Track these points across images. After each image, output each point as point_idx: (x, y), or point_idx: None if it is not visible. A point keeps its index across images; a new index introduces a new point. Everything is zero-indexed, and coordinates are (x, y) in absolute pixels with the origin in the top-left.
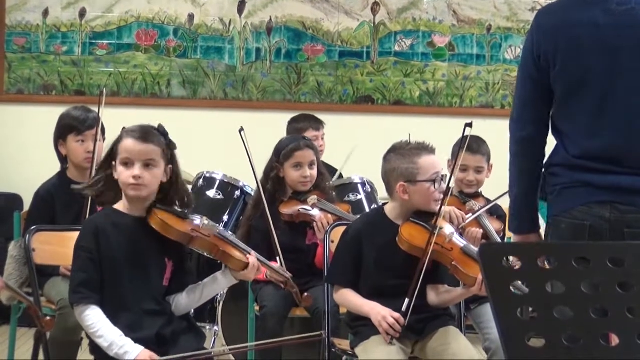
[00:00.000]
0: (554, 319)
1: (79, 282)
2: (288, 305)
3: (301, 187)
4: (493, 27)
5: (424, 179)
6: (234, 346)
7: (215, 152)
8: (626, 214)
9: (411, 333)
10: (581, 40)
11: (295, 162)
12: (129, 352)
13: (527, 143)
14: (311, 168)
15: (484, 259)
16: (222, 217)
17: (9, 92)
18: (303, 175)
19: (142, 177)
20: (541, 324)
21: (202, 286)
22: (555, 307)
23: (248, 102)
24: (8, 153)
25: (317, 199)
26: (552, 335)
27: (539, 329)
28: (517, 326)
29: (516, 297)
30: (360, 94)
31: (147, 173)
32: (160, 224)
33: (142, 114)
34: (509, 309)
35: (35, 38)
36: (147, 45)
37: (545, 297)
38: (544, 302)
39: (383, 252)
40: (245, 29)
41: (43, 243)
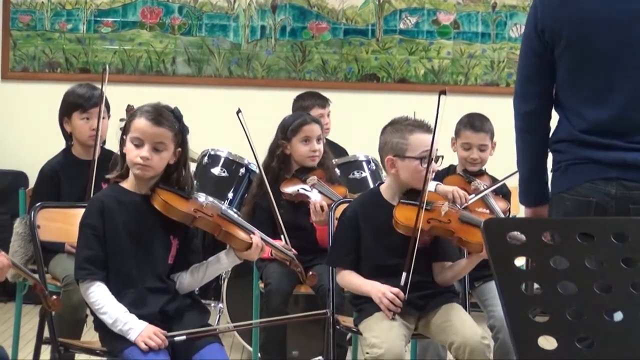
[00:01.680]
0: (558, 294)
1: (84, 258)
2: (292, 282)
3: (309, 161)
4: (498, 5)
5: (412, 155)
6: (239, 323)
7: (220, 129)
8: (632, 190)
9: (414, 309)
10: (588, 14)
11: (304, 137)
12: (133, 329)
13: (531, 118)
14: (319, 142)
15: (487, 234)
16: (227, 194)
17: (14, 70)
18: (312, 149)
19: (149, 159)
20: (545, 299)
21: (206, 265)
22: (559, 282)
23: (253, 79)
24: (13, 130)
25: (317, 180)
26: (556, 310)
27: (543, 303)
28: (521, 301)
29: (520, 272)
30: (365, 71)
31: (155, 155)
32: (162, 204)
33: (147, 92)
34: (513, 284)
35: (40, 16)
36: (152, 23)
37: (549, 273)
38: (548, 278)
39: (381, 232)
40: (250, 7)
41: (48, 220)
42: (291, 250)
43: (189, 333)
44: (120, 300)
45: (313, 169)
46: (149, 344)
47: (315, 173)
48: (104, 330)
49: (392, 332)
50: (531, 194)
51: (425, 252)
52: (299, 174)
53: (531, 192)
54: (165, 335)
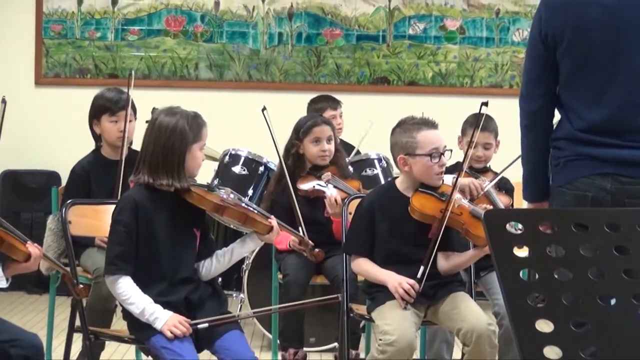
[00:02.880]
0: (554, 280)
1: (115, 254)
2: (309, 273)
3: (320, 160)
4: (501, 11)
5: (422, 152)
6: (258, 309)
7: (240, 130)
8: (627, 185)
9: (424, 298)
10: (588, 20)
11: (314, 138)
12: (159, 318)
13: (536, 117)
14: (329, 143)
15: (488, 225)
16: (247, 191)
17: (47, 76)
18: (322, 149)
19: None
20: (542, 284)
21: (232, 249)
22: (556, 269)
23: (271, 83)
24: (46, 133)
25: (331, 175)
26: (553, 295)
27: (540, 289)
28: (520, 287)
29: (519, 260)
30: (376, 75)
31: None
32: (197, 198)
33: (171, 96)
34: (511, 271)
35: (70, 25)
36: (176, 31)
37: (546, 260)
38: (544, 265)
39: (395, 221)
40: (268, 15)
41: (78, 216)
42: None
43: (211, 320)
44: (149, 290)
45: (326, 166)
46: (174, 332)
47: (328, 170)
48: (132, 320)
49: (404, 319)
50: (534, 190)
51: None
52: (313, 172)
53: (534, 187)
54: (189, 324)
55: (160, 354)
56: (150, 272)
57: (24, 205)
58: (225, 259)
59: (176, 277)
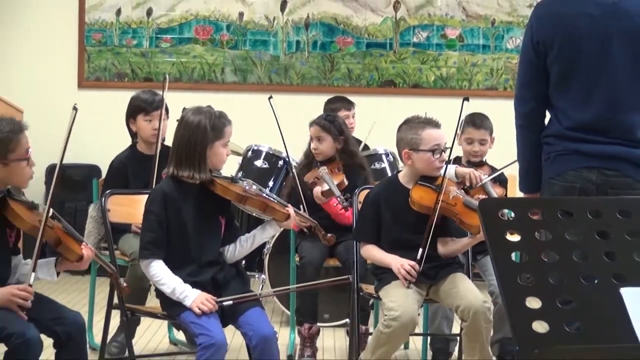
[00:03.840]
0: (542, 262)
1: (147, 240)
2: (323, 256)
3: (316, 158)
4: (496, 21)
5: (425, 148)
6: (278, 288)
7: (262, 128)
8: (610, 177)
9: (426, 279)
10: (576, 29)
11: (310, 136)
12: (188, 296)
13: (528, 117)
14: (318, 142)
15: (483, 212)
16: (268, 182)
17: (89, 80)
18: (313, 147)
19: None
20: (531, 266)
21: (254, 235)
22: (543, 252)
23: (289, 86)
24: (88, 131)
25: (326, 171)
26: (541, 275)
27: (529, 270)
28: (511, 268)
29: (510, 244)
30: (384, 78)
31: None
32: (222, 188)
33: (200, 97)
34: (503, 254)
35: (109, 33)
36: (204, 39)
37: (534, 244)
38: (533, 248)
39: (398, 211)
40: (287, 25)
41: (116, 204)
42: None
43: (235, 298)
44: (180, 271)
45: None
46: (202, 308)
47: (330, 165)
48: (164, 298)
49: (407, 297)
50: (528, 183)
51: (435, 229)
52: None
53: (528, 180)
54: (215, 301)
55: (190, 328)
56: (180, 255)
57: (68, 196)
58: (247, 244)
59: (203, 259)
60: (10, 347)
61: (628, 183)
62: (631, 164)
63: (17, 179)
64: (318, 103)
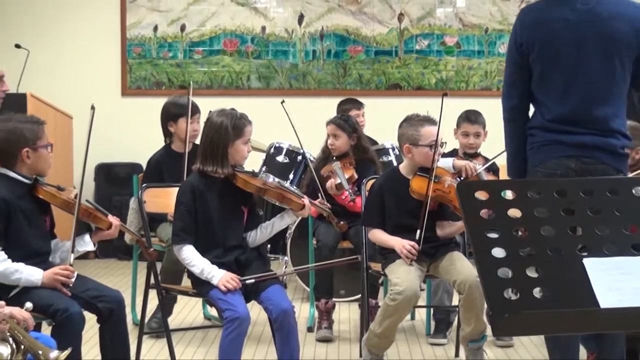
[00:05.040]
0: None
1: (179, 228)
2: (337, 239)
3: (332, 153)
4: (489, 29)
5: (423, 144)
6: (298, 267)
7: (283, 128)
8: (588, 165)
9: (426, 257)
10: (554, 32)
11: (327, 133)
12: (215, 276)
13: (514, 111)
14: (335, 138)
15: (460, 193)
16: (289, 175)
17: (130, 88)
18: (329, 145)
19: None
20: (503, 240)
21: (273, 223)
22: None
23: (307, 90)
24: (131, 132)
25: (339, 165)
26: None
27: (502, 244)
28: (485, 242)
29: (484, 221)
30: (390, 82)
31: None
32: (243, 182)
33: (228, 102)
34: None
35: (148, 47)
36: (232, 50)
37: (506, 221)
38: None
39: (400, 199)
40: (304, 36)
41: (152, 197)
42: (326, 205)
43: (257, 277)
44: (207, 254)
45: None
46: (227, 286)
47: (343, 160)
48: (194, 278)
49: (410, 274)
50: (515, 169)
51: (433, 214)
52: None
53: (515, 167)
54: (239, 280)
55: (217, 304)
56: (207, 240)
57: (114, 191)
58: (267, 230)
59: (228, 244)
60: (57, 321)
61: (603, 170)
62: (606, 152)
63: (42, 165)
64: (332, 105)
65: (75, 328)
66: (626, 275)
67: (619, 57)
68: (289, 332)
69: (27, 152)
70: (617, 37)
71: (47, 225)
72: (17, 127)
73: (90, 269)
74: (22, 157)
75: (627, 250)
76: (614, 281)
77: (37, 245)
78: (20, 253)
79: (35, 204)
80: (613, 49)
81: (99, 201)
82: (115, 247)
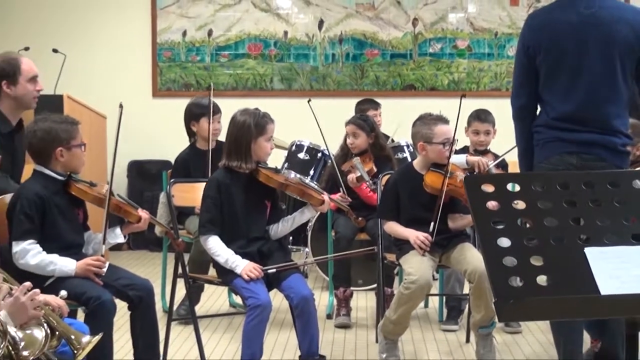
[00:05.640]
0: (517, 226)
1: (205, 220)
2: (355, 231)
3: (352, 151)
4: (499, 33)
5: (436, 141)
6: (318, 257)
7: (304, 126)
8: (588, 161)
9: (438, 248)
10: (559, 35)
11: (346, 133)
12: (238, 265)
13: (522, 111)
14: (355, 137)
15: (468, 186)
16: (310, 171)
17: (161, 90)
18: (349, 143)
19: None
20: (508, 230)
21: (294, 217)
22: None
23: (327, 91)
24: (161, 132)
25: (359, 160)
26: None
27: (507, 234)
28: (492, 233)
29: (490, 212)
30: (405, 83)
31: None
32: (266, 177)
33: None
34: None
35: (177, 51)
36: (256, 54)
37: (511, 211)
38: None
39: (413, 193)
40: (324, 40)
41: (180, 191)
42: (347, 200)
43: (278, 267)
44: (232, 245)
45: (364, 152)
46: (250, 275)
47: (362, 156)
48: (219, 267)
49: (423, 264)
50: (525, 164)
51: (445, 207)
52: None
53: (525, 162)
54: (261, 269)
55: (241, 292)
56: (232, 232)
57: (146, 186)
58: (289, 224)
59: (251, 235)
60: (90, 309)
61: (603, 166)
62: (605, 149)
63: (75, 163)
64: (351, 105)
65: (107, 315)
66: (626, 263)
67: (621, 59)
68: (309, 318)
69: (61, 151)
70: (619, 39)
71: (81, 219)
72: (53, 127)
73: (123, 259)
74: (56, 156)
75: (627, 240)
76: (614, 269)
77: (71, 238)
78: (55, 245)
79: (69, 199)
80: (615, 51)
81: (132, 196)
82: (147, 239)
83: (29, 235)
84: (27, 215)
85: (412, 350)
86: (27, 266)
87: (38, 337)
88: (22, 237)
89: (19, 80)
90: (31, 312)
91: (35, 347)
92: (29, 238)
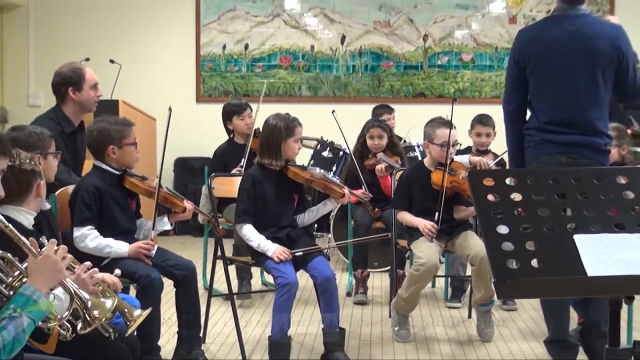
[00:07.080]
0: (514, 216)
1: (240, 210)
2: (371, 220)
3: (375, 150)
4: (499, 48)
5: (436, 143)
6: (339, 242)
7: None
8: (577, 160)
9: (444, 235)
10: (546, 48)
11: (370, 135)
12: (269, 249)
13: (513, 115)
14: (379, 139)
15: (471, 179)
16: (332, 167)
17: (204, 96)
18: (374, 144)
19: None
20: (506, 219)
21: (317, 208)
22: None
23: (348, 98)
24: (203, 132)
25: (383, 154)
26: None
27: (505, 222)
28: (492, 221)
29: (491, 204)
30: (416, 91)
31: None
32: (293, 173)
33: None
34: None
35: (218, 62)
36: (286, 65)
37: (509, 203)
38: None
39: (423, 187)
40: (346, 53)
41: (219, 184)
42: (368, 196)
43: (304, 250)
44: (264, 231)
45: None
46: (280, 257)
47: (385, 152)
48: (252, 251)
49: (431, 249)
50: (515, 163)
51: (451, 200)
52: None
53: (515, 161)
54: (289, 252)
55: (271, 272)
56: (264, 220)
57: (190, 180)
58: (313, 214)
59: (280, 223)
60: (140, 286)
61: (588, 163)
62: (591, 149)
63: (128, 160)
64: (368, 110)
65: (155, 291)
66: (609, 249)
67: (602, 70)
68: (331, 296)
69: (113, 148)
70: (600, 52)
71: (133, 208)
72: (106, 127)
73: (170, 243)
74: (108, 152)
75: (610, 229)
76: (599, 254)
77: (125, 225)
78: (111, 231)
79: (123, 191)
80: (596, 63)
81: (177, 188)
82: (191, 226)
83: (87, 222)
84: (86, 204)
85: (421, 324)
86: (86, 249)
87: (107, 304)
88: (81, 224)
89: (84, 87)
90: (90, 287)
91: (105, 312)
92: (87, 224)
